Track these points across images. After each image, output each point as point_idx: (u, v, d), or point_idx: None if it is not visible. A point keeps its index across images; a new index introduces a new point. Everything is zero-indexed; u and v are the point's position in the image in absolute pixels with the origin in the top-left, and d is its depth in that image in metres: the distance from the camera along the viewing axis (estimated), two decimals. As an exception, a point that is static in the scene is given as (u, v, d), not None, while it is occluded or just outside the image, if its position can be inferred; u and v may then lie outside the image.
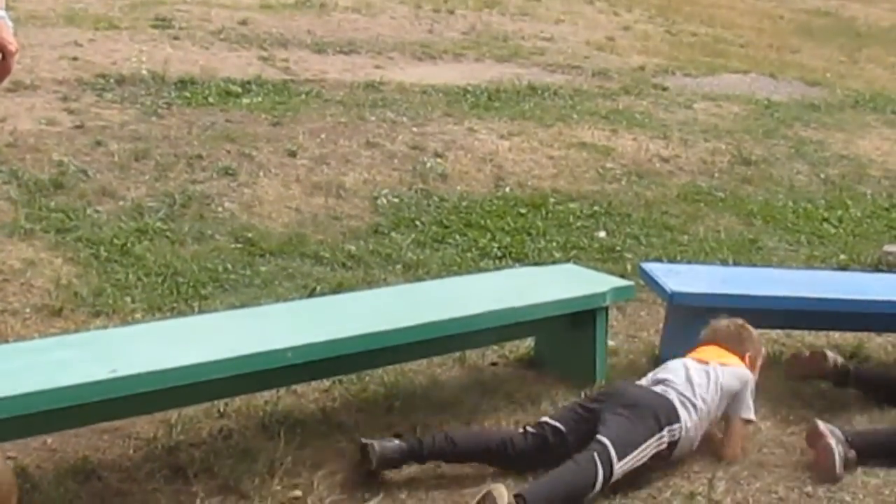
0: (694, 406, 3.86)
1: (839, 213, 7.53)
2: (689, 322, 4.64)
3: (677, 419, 3.80)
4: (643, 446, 3.68)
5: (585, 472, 3.54)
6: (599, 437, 3.64)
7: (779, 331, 5.21)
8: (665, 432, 3.75)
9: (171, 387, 3.43)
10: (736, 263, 6.26)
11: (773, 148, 8.87)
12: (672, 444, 3.78)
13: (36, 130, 6.93)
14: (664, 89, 10.54)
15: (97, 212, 5.97)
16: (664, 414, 3.78)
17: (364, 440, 3.69)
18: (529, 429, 3.83)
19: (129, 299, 5.04)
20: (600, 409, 3.79)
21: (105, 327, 4.67)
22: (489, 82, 9.88)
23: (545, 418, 3.89)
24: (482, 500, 3.32)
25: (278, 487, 3.60)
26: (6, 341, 4.45)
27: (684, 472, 3.84)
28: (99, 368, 3.30)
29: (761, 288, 4.85)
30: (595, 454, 3.57)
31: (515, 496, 3.36)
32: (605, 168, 7.94)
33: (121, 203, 6.13)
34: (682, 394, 3.87)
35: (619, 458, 3.59)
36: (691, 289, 4.72)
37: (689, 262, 6.13)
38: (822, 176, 8.34)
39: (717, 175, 8.13)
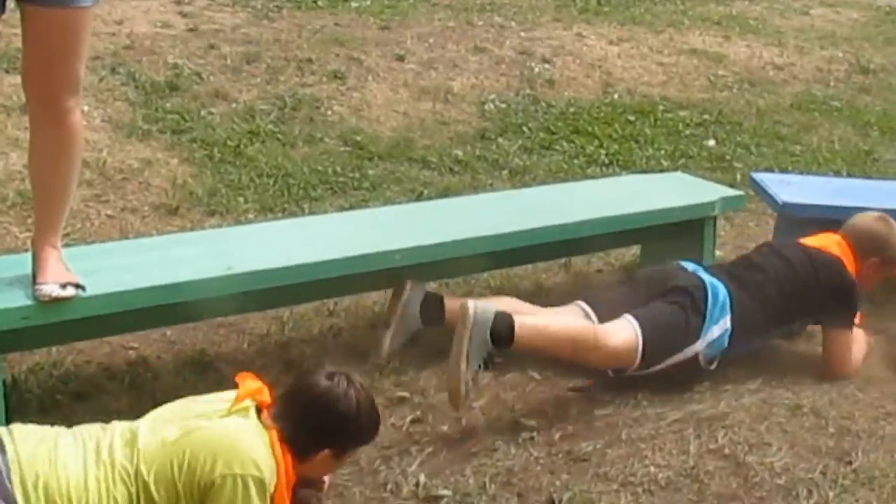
0: None
1: (961, 125, 7.31)
2: (800, 234, 4.59)
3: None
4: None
5: None
6: None
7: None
8: None
9: (285, 285, 3.53)
10: (850, 175, 6.14)
11: (893, 56, 8.59)
12: None
13: (151, 33, 7.05)
14: (780, -6, 10.24)
15: (211, 113, 6.09)
16: None
17: None
18: None
19: (241, 199, 5.17)
20: None
21: (220, 226, 4.80)
22: (599, -13, 9.72)
23: None
24: None
25: (386, 385, 3.68)
26: (126, 237, 4.61)
27: (789, 383, 3.82)
28: (216, 265, 3.41)
29: (876, 201, 4.73)
30: None
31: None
32: (717, 76, 7.80)
33: (233, 105, 6.24)
34: None
35: None
36: (803, 200, 4.64)
37: (801, 173, 6.02)
38: (944, 86, 8.09)
39: (832, 84, 7.93)
